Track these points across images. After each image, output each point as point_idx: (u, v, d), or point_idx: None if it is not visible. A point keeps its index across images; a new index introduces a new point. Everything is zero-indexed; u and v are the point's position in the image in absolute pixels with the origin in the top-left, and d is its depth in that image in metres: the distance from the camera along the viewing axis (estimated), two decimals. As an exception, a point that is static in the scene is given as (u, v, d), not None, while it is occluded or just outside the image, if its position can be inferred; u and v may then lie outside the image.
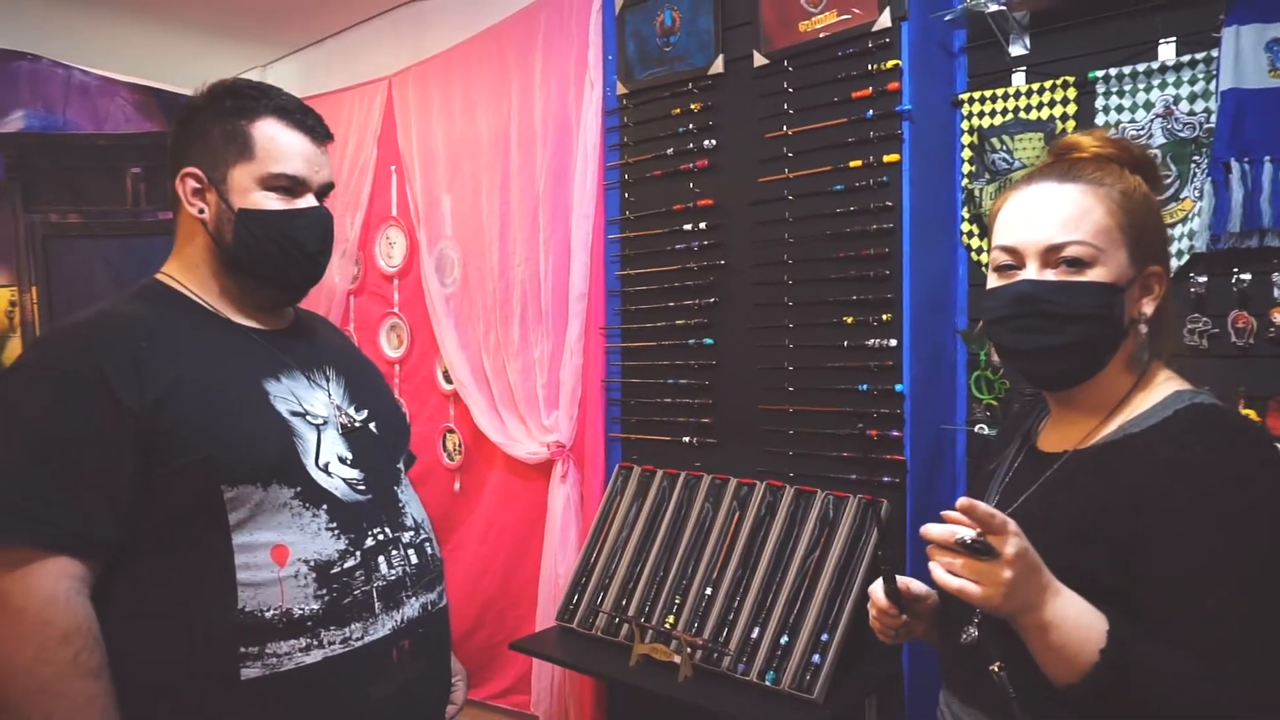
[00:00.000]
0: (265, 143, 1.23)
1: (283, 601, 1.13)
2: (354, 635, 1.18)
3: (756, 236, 2.21)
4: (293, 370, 1.27)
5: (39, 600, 1.03)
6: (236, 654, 1.10)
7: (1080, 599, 0.86)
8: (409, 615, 1.25)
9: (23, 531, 1.05)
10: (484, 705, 3.06)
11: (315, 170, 1.27)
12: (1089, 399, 1.01)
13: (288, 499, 1.16)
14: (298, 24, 3.57)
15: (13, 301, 3.22)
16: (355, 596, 1.18)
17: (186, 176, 1.24)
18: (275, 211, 1.23)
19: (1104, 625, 0.84)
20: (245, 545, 1.13)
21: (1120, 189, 0.97)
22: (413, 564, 1.28)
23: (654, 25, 2.40)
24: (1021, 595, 0.83)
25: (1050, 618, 0.84)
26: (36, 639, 1.03)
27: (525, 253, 2.78)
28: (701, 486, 2.27)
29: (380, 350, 3.32)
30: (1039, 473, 1.01)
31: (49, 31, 3.49)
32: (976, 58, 2.11)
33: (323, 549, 1.17)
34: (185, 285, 1.26)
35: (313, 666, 1.14)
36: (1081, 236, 0.95)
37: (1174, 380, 0.99)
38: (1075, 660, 0.84)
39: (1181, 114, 1.84)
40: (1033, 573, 0.84)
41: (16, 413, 1.11)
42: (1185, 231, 1.83)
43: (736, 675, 1.94)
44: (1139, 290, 0.98)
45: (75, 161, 3.30)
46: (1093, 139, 1.02)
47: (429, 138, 3.09)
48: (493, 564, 2.98)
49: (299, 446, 1.20)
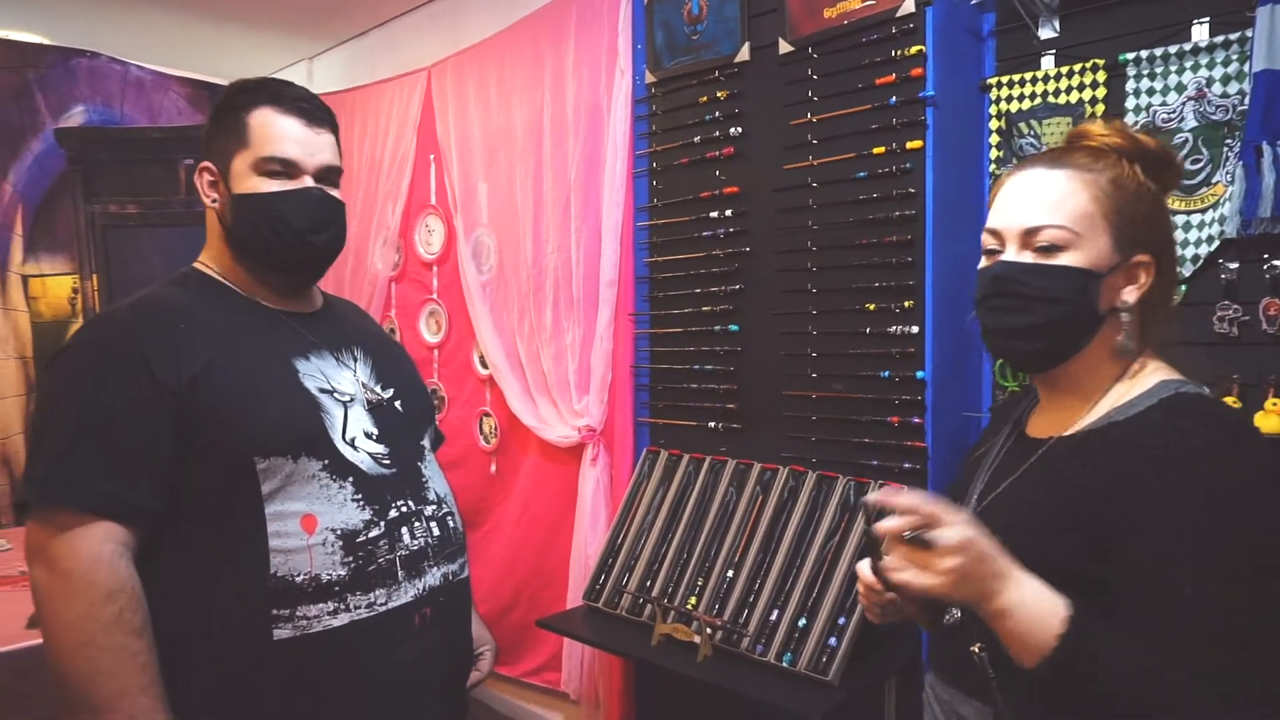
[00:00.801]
0: (259, 129, 1.28)
1: (312, 567, 1.20)
2: (378, 601, 1.24)
3: (781, 224, 2.22)
4: (321, 350, 1.34)
5: (85, 561, 1.11)
6: (269, 616, 1.17)
7: (1040, 584, 0.87)
8: (430, 584, 1.31)
9: (69, 497, 1.13)
10: (518, 682, 3.14)
11: (310, 153, 1.31)
12: (1073, 385, 1.02)
13: (316, 471, 1.23)
14: (342, 17, 3.66)
15: (75, 288, 3.39)
16: (379, 564, 1.25)
17: (203, 171, 1.32)
18: (263, 194, 1.28)
19: (1064, 611, 0.85)
20: (277, 514, 1.20)
21: (1110, 176, 0.98)
22: (435, 535, 1.34)
23: (682, 13, 2.42)
24: (973, 584, 0.85)
25: (1006, 604, 0.86)
26: (84, 596, 1.10)
27: (558, 240, 2.82)
28: (726, 471, 2.30)
29: (420, 335, 3.41)
30: (1024, 458, 1.02)
31: (107, 29, 3.65)
32: (1005, 41, 2.08)
33: (349, 519, 1.24)
34: (217, 272, 1.34)
35: (339, 629, 1.21)
36: (1058, 221, 0.97)
37: (1164, 370, 0.99)
38: (1035, 644, 0.85)
39: (1214, 96, 1.80)
40: (981, 561, 0.85)
41: (66, 389, 1.19)
42: (1216, 217, 1.79)
43: (754, 656, 1.97)
44: (1122, 278, 0.98)
45: (132, 154, 3.44)
46: (1101, 128, 1.02)
47: (466, 127, 3.15)
48: (527, 545, 3.05)
49: (326, 421, 1.26)
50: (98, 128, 3.44)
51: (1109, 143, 1.01)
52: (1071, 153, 1.00)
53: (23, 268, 3.34)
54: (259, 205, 1.28)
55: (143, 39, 3.78)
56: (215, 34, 3.84)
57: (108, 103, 3.45)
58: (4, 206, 3.29)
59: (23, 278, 3.34)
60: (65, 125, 3.37)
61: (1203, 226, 1.82)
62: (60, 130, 3.37)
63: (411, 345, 3.45)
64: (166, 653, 1.16)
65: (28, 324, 3.33)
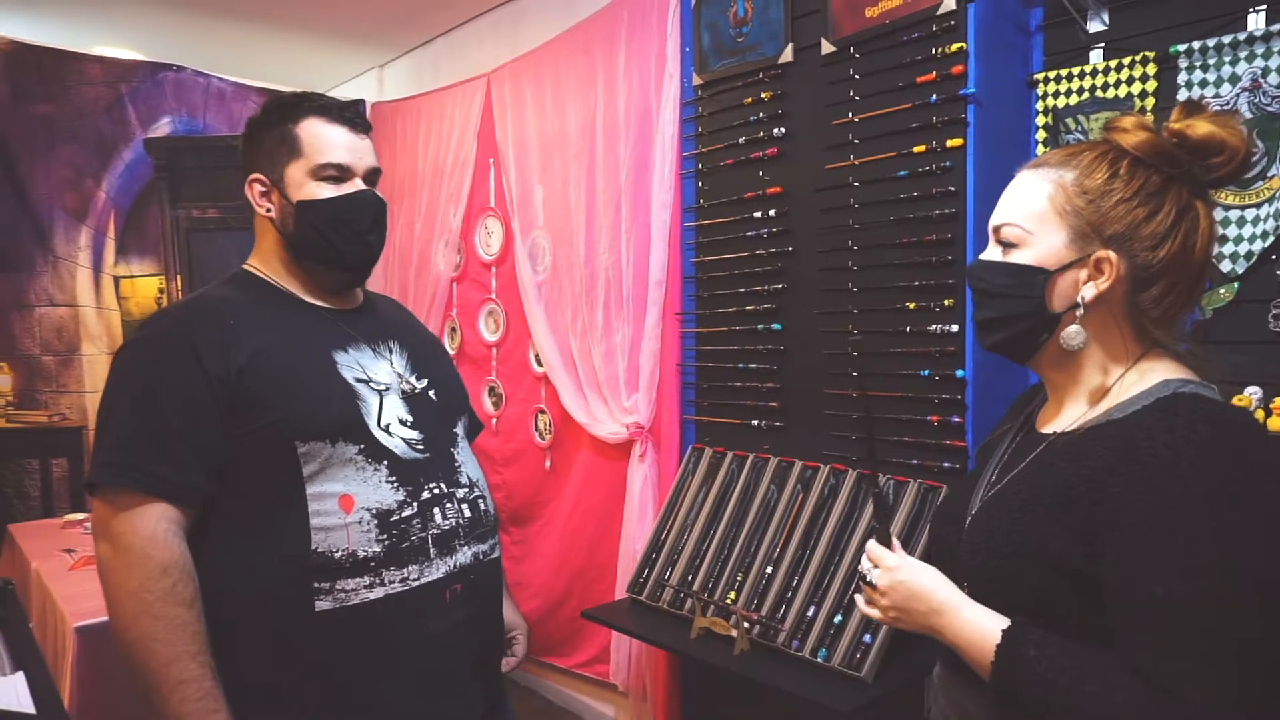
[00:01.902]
0: (310, 139, 1.37)
1: (349, 544, 1.28)
2: (411, 576, 1.32)
3: (823, 223, 2.23)
4: (359, 343, 1.43)
5: (143, 538, 1.21)
6: (311, 589, 1.26)
7: (980, 610, 0.96)
8: (461, 562, 1.39)
9: (128, 479, 1.23)
10: (571, 674, 3.21)
11: (359, 157, 1.41)
12: (1073, 381, 1.02)
13: (352, 454, 1.31)
14: (409, 26, 3.80)
15: (161, 289, 3.61)
16: (412, 542, 1.33)
17: (253, 182, 1.41)
18: (327, 199, 1.38)
19: (996, 639, 0.92)
20: (317, 495, 1.28)
21: (1076, 176, 0.97)
22: (466, 516, 1.41)
23: (727, 16, 2.45)
24: (911, 618, 1.01)
25: (951, 638, 0.98)
26: (141, 570, 1.20)
27: (609, 241, 2.88)
28: (768, 469, 2.32)
29: (479, 334, 3.52)
30: (1029, 452, 1.03)
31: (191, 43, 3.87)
32: (1053, 36, 2.05)
33: (383, 499, 1.32)
34: (265, 273, 1.44)
35: (375, 602, 1.29)
36: (1013, 219, 1.01)
37: (1171, 369, 0.97)
38: (983, 666, 0.94)
39: (1270, 87, 1.74)
40: (912, 599, 1.00)
41: (126, 381, 1.30)
42: (1272, 211, 1.73)
43: (790, 651, 1.99)
44: (1084, 274, 0.97)
45: (213, 161, 3.65)
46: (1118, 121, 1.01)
47: (523, 131, 3.24)
48: (580, 539, 3.11)
49: (362, 409, 1.35)
50: (183, 137, 3.65)
51: (1112, 139, 1.00)
52: (1051, 155, 1.02)
53: (115, 269, 3.57)
54: (322, 210, 1.37)
55: (225, 52, 4.01)
56: (292, 46, 4.04)
57: (192, 113, 3.67)
58: (98, 212, 3.53)
59: (114, 279, 3.57)
60: (153, 135, 3.59)
61: (1257, 222, 1.76)
62: (149, 140, 3.59)
63: (471, 344, 3.56)
64: (216, 622, 1.25)
65: (119, 322, 3.57)
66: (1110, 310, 0.98)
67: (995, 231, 1.03)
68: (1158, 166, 0.96)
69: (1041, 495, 0.95)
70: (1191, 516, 0.83)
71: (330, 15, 3.66)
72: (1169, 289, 0.97)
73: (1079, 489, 0.91)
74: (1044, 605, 0.93)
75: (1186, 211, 0.96)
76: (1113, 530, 0.87)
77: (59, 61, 3.47)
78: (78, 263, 3.49)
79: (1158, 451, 0.86)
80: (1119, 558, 0.87)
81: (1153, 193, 0.96)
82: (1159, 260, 0.95)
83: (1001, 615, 0.94)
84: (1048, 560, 0.92)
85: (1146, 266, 0.96)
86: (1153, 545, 0.84)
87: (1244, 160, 0.96)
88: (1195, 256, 0.97)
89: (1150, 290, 0.97)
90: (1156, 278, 0.96)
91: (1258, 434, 0.89)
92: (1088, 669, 0.86)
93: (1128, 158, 0.97)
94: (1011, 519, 0.97)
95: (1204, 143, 0.95)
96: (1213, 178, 0.97)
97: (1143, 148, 0.96)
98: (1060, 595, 0.92)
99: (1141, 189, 0.96)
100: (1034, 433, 1.07)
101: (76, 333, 3.48)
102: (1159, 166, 0.96)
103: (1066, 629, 0.91)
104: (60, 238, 3.45)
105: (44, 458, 3.43)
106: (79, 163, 3.48)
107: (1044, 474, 0.97)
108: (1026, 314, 1.00)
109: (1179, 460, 0.84)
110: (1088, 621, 0.90)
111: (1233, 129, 0.95)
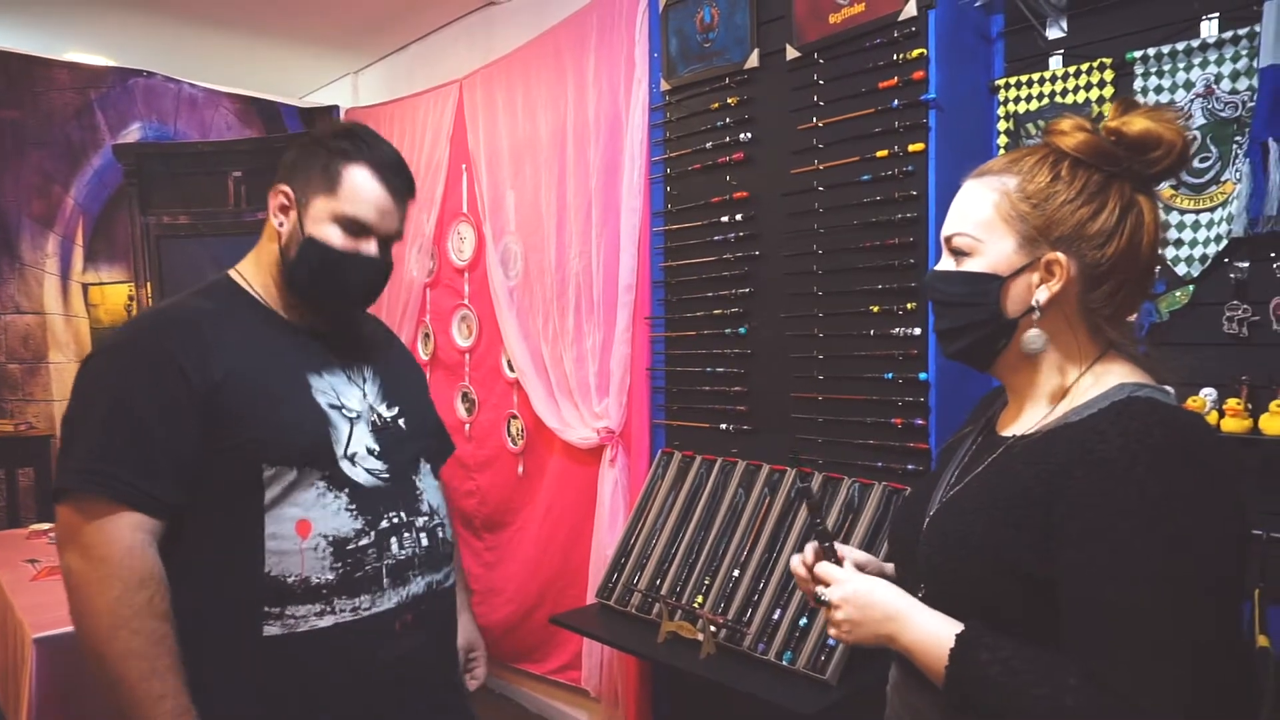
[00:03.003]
0: (350, 186, 1.34)
1: (303, 570, 1.26)
2: (362, 605, 1.30)
3: (788, 228, 2.24)
4: (334, 367, 1.40)
5: (120, 549, 1.18)
6: (260, 612, 1.24)
7: (933, 615, 0.96)
8: (414, 592, 1.37)
9: (101, 486, 1.19)
10: (543, 679, 3.20)
11: (384, 220, 1.37)
12: (1030, 385, 1.03)
13: (315, 481, 1.30)
14: (384, 32, 3.80)
15: (130, 296, 3.58)
16: (366, 571, 1.31)
17: (279, 191, 1.37)
18: (334, 247, 1.34)
19: (951, 644, 0.91)
20: (275, 518, 1.26)
21: (1019, 181, 0.98)
22: (423, 546, 1.40)
23: (694, 22, 2.46)
24: (867, 628, 0.99)
25: (905, 643, 0.97)
26: (119, 582, 1.17)
27: (580, 246, 2.89)
28: (736, 472, 2.32)
29: (452, 340, 3.51)
30: (989, 454, 1.03)
31: (164, 50, 3.85)
32: (1014, 42, 2.07)
33: (341, 526, 1.30)
34: (250, 284, 1.40)
35: (324, 630, 1.27)
36: (964, 228, 1.01)
37: (1127, 372, 0.97)
38: (937, 671, 0.93)
39: (1223, 93, 1.77)
40: (867, 607, 0.99)
41: (99, 387, 1.26)
42: (1225, 215, 1.76)
43: (756, 654, 1.99)
44: (1036, 278, 0.98)
45: (184, 168, 3.62)
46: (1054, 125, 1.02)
47: (495, 137, 3.24)
48: (552, 544, 3.11)
49: (332, 436, 1.33)
50: (153, 143, 3.63)
51: (1052, 142, 1.00)
52: (993, 164, 1.02)
53: (83, 276, 3.54)
54: (325, 255, 1.34)
55: (200, 59, 3.99)
56: (267, 52, 4.02)
57: (162, 119, 3.64)
58: (67, 219, 3.50)
59: (83, 286, 3.54)
60: (123, 141, 3.56)
61: (1211, 225, 1.79)
62: (118, 146, 3.57)
63: (444, 350, 3.55)
64: None
65: (87, 329, 3.53)
66: (1064, 312, 0.99)
67: (947, 242, 1.03)
68: (1098, 166, 0.97)
69: (998, 498, 0.96)
70: (1146, 521, 0.83)
71: (305, 22, 3.65)
72: (1119, 285, 0.97)
73: (1035, 492, 0.91)
74: (997, 607, 0.93)
75: (1130, 208, 0.97)
76: (1068, 534, 0.87)
77: (27, 67, 3.44)
78: (45, 270, 3.45)
79: (1112, 456, 0.86)
80: (1073, 562, 0.87)
81: (1095, 192, 0.97)
82: (1108, 258, 0.96)
83: (955, 619, 0.94)
84: (1002, 563, 0.92)
85: (1096, 265, 0.96)
86: (1107, 550, 0.85)
87: (1182, 153, 0.97)
88: (1143, 251, 0.98)
89: (1101, 288, 0.97)
90: (1107, 275, 0.97)
91: (1210, 437, 0.89)
92: (1040, 671, 0.86)
93: (1068, 159, 0.98)
94: (968, 521, 0.97)
95: (1141, 139, 0.96)
96: (1153, 172, 0.98)
97: (1082, 148, 0.97)
98: (1012, 598, 0.92)
99: (1084, 189, 0.97)
100: (994, 435, 1.08)
101: (44, 340, 3.44)
102: (1099, 165, 0.97)
103: (1018, 631, 0.91)
104: (27, 244, 3.42)
105: (10, 467, 3.39)
106: (47, 169, 3.45)
107: (1001, 477, 0.98)
108: (984, 321, 1.00)
109: (1134, 465, 0.84)
110: (1038, 624, 0.90)
111: (1168, 123, 0.96)
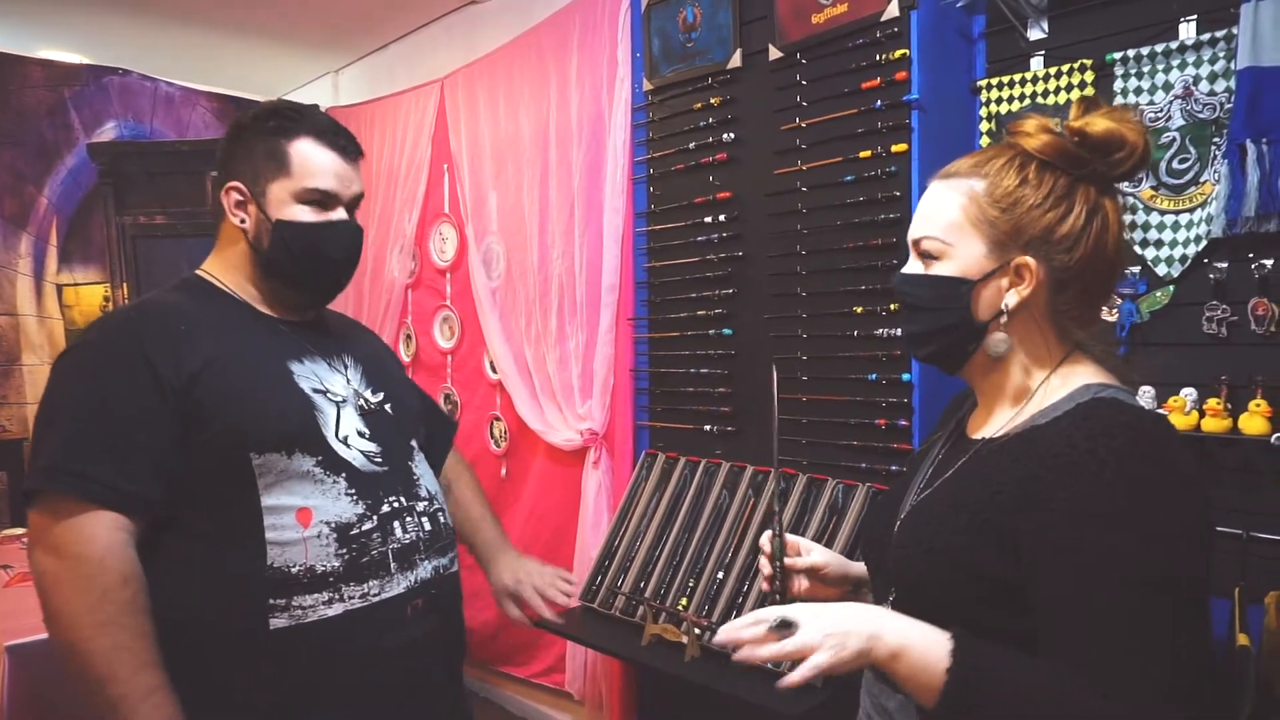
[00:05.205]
0: (301, 160, 1.34)
1: (307, 559, 1.25)
2: (371, 591, 1.29)
3: (772, 228, 2.24)
4: (314, 355, 1.40)
5: (99, 547, 1.16)
6: (266, 606, 1.22)
7: (918, 624, 0.88)
8: (422, 576, 1.36)
9: (73, 485, 1.17)
10: (527, 683, 3.18)
11: (346, 185, 1.38)
12: (997, 388, 1.02)
13: (310, 467, 1.28)
14: (364, 31, 3.76)
15: (106, 296, 3.53)
16: (372, 556, 1.30)
17: (230, 190, 1.36)
18: (308, 223, 1.35)
19: (948, 644, 0.86)
20: (273, 508, 1.25)
21: (987, 185, 0.97)
22: (426, 530, 1.39)
23: (677, 21, 2.45)
24: (854, 643, 0.86)
25: (891, 650, 0.87)
26: (100, 581, 1.15)
27: (562, 246, 2.87)
28: (720, 474, 2.32)
29: (434, 341, 3.48)
30: (959, 458, 1.03)
31: (142, 48, 3.79)
32: (995, 43, 2.08)
33: (343, 512, 1.29)
34: (221, 281, 1.39)
35: (333, 619, 1.25)
36: (932, 232, 0.99)
37: (1092, 373, 0.97)
38: (930, 684, 0.86)
39: (1201, 95, 1.78)
40: (845, 621, 0.87)
41: (71, 385, 1.24)
42: (1204, 216, 1.77)
43: (740, 657, 1.98)
44: (1006, 281, 0.97)
45: (160, 167, 3.58)
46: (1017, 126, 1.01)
47: (477, 136, 3.22)
48: (536, 547, 3.08)
49: (319, 419, 1.32)
50: (129, 142, 3.58)
51: (1017, 143, 1.00)
52: (959, 165, 1.01)
53: (57, 277, 3.48)
54: (301, 234, 1.34)
55: (178, 57, 3.93)
56: (247, 51, 3.97)
57: (138, 118, 3.60)
58: (39, 219, 3.44)
59: (57, 287, 3.48)
60: (97, 140, 3.51)
61: (1190, 226, 1.80)
62: (93, 145, 3.51)
63: (426, 351, 3.52)
64: (166, 642, 1.20)
65: (62, 331, 3.48)
66: (1032, 315, 0.99)
67: (915, 245, 1.01)
68: (1064, 168, 0.97)
69: (966, 501, 0.95)
70: (1117, 523, 0.83)
71: (285, 19, 3.61)
72: (1086, 289, 0.98)
73: (1003, 495, 0.91)
74: (967, 610, 0.92)
75: (1096, 211, 0.97)
76: (1039, 539, 0.87)
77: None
78: (18, 270, 3.39)
79: (1079, 460, 0.86)
80: (1047, 565, 0.86)
81: (1062, 195, 0.96)
82: (1075, 261, 0.96)
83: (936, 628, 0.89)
84: (972, 567, 0.92)
85: (1064, 269, 0.96)
86: (1079, 553, 0.84)
87: (1144, 154, 0.96)
88: (1108, 254, 0.98)
89: (1069, 291, 0.97)
90: (1074, 279, 0.97)
91: (1172, 437, 0.89)
92: (1041, 674, 0.85)
93: (1035, 161, 0.97)
94: (937, 524, 0.97)
95: (1104, 140, 0.95)
96: (1117, 174, 0.97)
97: (1046, 150, 0.97)
98: (982, 601, 0.92)
99: (1051, 193, 0.96)
100: (964, 438, 1.07)
101: (17, 342, 3.39)
102: (1065, 168, 0.97)
103: (988, 634, 0.90)
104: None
105: (-18, 471, 3.34)
106: (19, 168, 3.39)
107: (970, 480, 0.97)
108: (954, 325, 0.99)
109: (1102, 469, 0.84)
110: (1008, 627, 0.90)
111: (1130, 124, 0.95)
